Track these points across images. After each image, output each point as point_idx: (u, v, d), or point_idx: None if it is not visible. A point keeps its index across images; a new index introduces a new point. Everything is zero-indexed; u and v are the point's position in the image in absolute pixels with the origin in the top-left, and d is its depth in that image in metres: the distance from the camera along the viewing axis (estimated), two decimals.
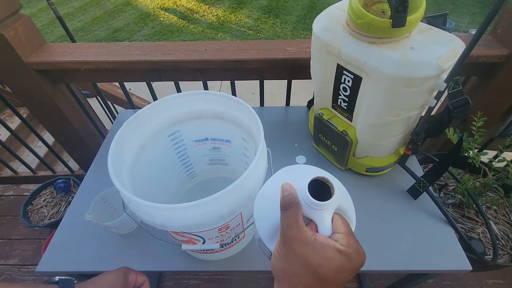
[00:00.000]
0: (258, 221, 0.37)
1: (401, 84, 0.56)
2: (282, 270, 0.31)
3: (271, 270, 0.33)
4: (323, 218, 0.32)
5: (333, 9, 0.67)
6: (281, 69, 0.97)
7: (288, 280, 0.31)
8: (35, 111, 1.09)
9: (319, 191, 0.32)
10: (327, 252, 0.29)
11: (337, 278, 0.29)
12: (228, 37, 4.29)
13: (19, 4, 0.91)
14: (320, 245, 0.30)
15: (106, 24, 4.70)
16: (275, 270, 0.32)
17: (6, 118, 2.14)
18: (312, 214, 0.32)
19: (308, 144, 0.90)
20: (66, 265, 0.67)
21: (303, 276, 0.30)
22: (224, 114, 0.62)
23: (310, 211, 0.32)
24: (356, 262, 0.30)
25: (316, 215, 0.32)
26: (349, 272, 0.30)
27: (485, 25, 0.47)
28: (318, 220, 0.32)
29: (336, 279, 0.29)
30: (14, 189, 1.63)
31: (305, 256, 0.30)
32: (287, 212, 0.31)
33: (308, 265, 0.29)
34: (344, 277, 0.30)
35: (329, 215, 0.32)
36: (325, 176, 0.33)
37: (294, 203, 0.32)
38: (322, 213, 0.32)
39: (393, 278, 1.17)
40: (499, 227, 0.90)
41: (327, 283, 0.29)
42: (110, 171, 0.45)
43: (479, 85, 0.99)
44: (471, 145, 0.83)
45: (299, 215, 0.31)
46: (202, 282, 1.23)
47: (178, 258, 0.68)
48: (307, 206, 0.32)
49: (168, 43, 0.97)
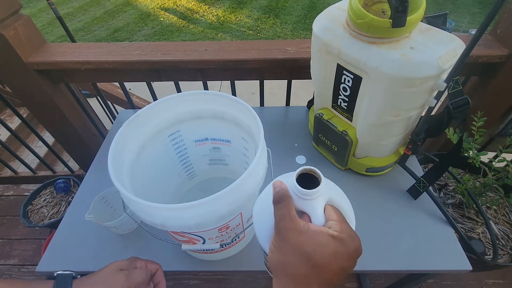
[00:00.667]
0: (256, 225, 0.38)
1: (401, 84, 0.56)
2: (278, 262, 0.31)
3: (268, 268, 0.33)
4: (314, 208, 0.33)
5: (333, 9, 0.67)
6: (281, 69, 0.97)
7: (284, 271, 0.31)
8: (35, 111, 1.09)
9: (308, 184, 0.33)
10: (320, 238, 0.30)
11: (332, 264, 0.29)
12: (228, 37, 4.29)
13: (19, 4, 0.91)
14: (313, 232, 0.30)
15: (106, 24, 4.70)
16: (272, 265, 0.32)
17: (6, 118, 2.14)
18: (304, 205, 0.33)
19: (308, 144, 0.90)
20: (66, 265, 0.67)
21: (299, 265, 0.30)
22: (224, 114, 0.62)
23: (302, 203, 0.33)
24: (351, 247, 0.30)
25: (308, 206, 0.33)
26: (345, 258, 0.30)
27: (485, 25, 0.47)
28: (310, 210, 0.33)
29: (332, 266, 0.29)
30: (14, 189, 1.63)
31: (299, 244, 0.30)
32: (279, 205, 0.32)
33: (303, 253, 0.29)
34: (340, 263, 0.30)
35: (320, 205, 0.33)
36: (312, 168, 0.34)
37: (285, 196, 0.33)
38: (313, 203, 0.33)
39: (393, 278, 1.17)
40: (499, 227, 0.90)
41: (324, 271, 0.29)
42: (110, 171, 0.45)
43: (479, 85, 0.99)
44: (471, 145, 0.83)
45: (291, 207, 0.32)
46: (202, 282, 1.23)
47: (178, 258, 0.68)
48: (298, 198, 0.33)
49: (168, 43, 0.97)
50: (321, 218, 0.32)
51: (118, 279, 0.45)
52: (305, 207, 0.33)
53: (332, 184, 0.40)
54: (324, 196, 0.34)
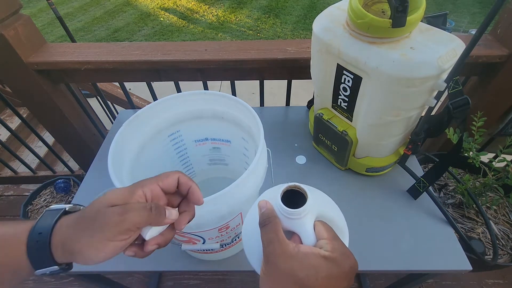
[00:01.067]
0: (246, 247, 0.36)
1: (401, 84, 0.56)
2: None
3: None
4: (304, 227, 0.31)
5: (333, 9, 0.67)
6: (281, 69, 0.97)
7: None
8: (35, 111, 1.09)
9: (295, 201, 0.31)
10: (312, 261, 0.28)
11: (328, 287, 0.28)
12: (228, 37, 4.29)
13: (19, 4, 0.91)
14: (304, 255, 0.28)
15: (106, 24, 4.70)
16: None
17: (6, 118, 2.14)
18: (292, 225, 0.31)
19: (308, 144, 0.90)
20: None
21: None
22: (224, 114, 0.62)
23: (290, 223, 0.31)
24: (345, 266, 0.28)
25: (296, 226, 0.31)
26: (340, 279, 0.28)
27: (485, 25, 0.47)
28: (299, 230, 0.31)
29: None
30: (14, 189, 1.63)
31: (290, 270, 0.28)
32: (266, 228, 0.30)
33: (295, 279, 0.28)
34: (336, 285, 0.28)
35: (309, 223, 0.31)
36: (296, 184, 0.32)
37: (272, 217, 0.31)
38: (301, 222, 0.31)
39: (393, 278, 1.17)
40: (499, 227, 0.90)
41: None
42: (110, 171, 0.45)
43: (479, 85, 0.99)
44: (471, 145, 0.83)
45: (278, 229, 0.30)
46: (202, 282, 1.23)
47: (178, 258, 0.68)
48: (286, 218, 0.31)
49: (168, 43, 0.97)
50: (311, 237, 0.30)
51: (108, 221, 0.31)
52: (293, 226, 0.31)
53: (321, 195, 0.38)
54: (312, 212, 0.32)
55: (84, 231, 0.32)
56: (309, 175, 0.82)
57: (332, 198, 0.38)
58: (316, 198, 0.31)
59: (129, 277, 1.22)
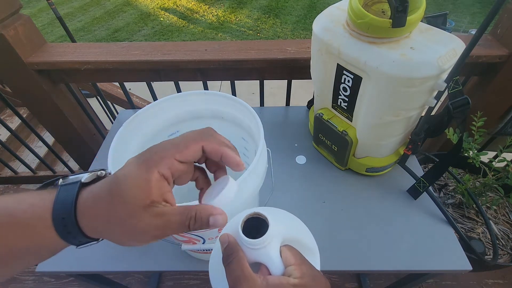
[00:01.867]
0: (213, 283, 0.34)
1: (401, 84, 0.56)
2: None
3: None
4: (269, 256, 0.29)
5: (333, 9, 0.67)
6: (281, 69, 0.97)
7: None
8: (35, 111, 1.09)
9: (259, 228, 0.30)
10: None
11: None
12: (228, 37, 4.29)
13: (19, 4, 0.91)
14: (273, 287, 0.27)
15: (106, 24, 4.70)
16: None
17: (6, 118, 2.14)
18: (257, 256, 0.30)
19: (308, 144, 0.90)
20: (66, 265, 0.67)
21: None
22: (224, 114, 0.62)
23: (255, 254, 0.29)
24: None
25: (262, 256, 0.29)
26: None
27: (485, 25, 0.47)
28: (265, 260, 0.30)
29: None
30: (14, 189, 1.63)
31: None
32: (231, 266, 0.29)
33: None
34: None
35: (275, 251, 0.30)
36: (256, 211, 0.30)
37: (235, 253, 0.29)
38: (266, 251, 0.29)
39: (393, 278, 1.17)
40: (499, 227, 0.90)
41: None
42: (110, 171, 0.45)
43: (479, 85, 0.99)
44: (471, 145, 0.83)
45: (243, 264, 0.28)
46: (202, 282, 1.23)
47: (178, 258, 0.68)
48: (249, 249, 0.29)
49: (168, 43, 0.97)
50: (279, 266, 0.29)
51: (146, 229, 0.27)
52: (259, 257, 0.29)
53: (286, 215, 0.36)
54: (277, 237, 0.30)
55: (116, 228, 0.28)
56: (309, 175, 0.82)
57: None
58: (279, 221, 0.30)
59: (129, 277, 1.22)
